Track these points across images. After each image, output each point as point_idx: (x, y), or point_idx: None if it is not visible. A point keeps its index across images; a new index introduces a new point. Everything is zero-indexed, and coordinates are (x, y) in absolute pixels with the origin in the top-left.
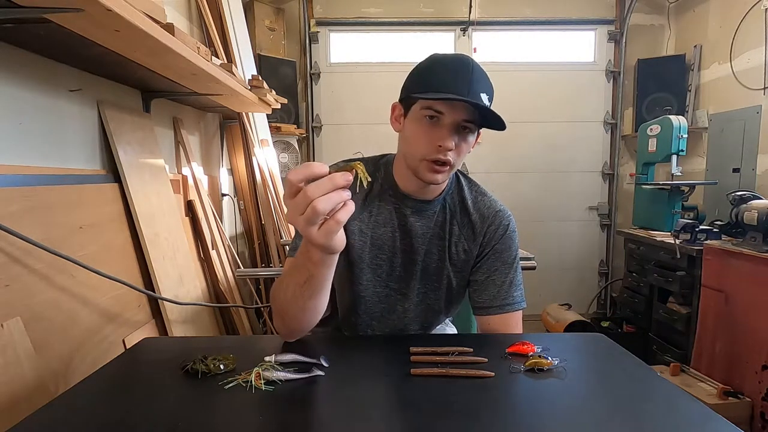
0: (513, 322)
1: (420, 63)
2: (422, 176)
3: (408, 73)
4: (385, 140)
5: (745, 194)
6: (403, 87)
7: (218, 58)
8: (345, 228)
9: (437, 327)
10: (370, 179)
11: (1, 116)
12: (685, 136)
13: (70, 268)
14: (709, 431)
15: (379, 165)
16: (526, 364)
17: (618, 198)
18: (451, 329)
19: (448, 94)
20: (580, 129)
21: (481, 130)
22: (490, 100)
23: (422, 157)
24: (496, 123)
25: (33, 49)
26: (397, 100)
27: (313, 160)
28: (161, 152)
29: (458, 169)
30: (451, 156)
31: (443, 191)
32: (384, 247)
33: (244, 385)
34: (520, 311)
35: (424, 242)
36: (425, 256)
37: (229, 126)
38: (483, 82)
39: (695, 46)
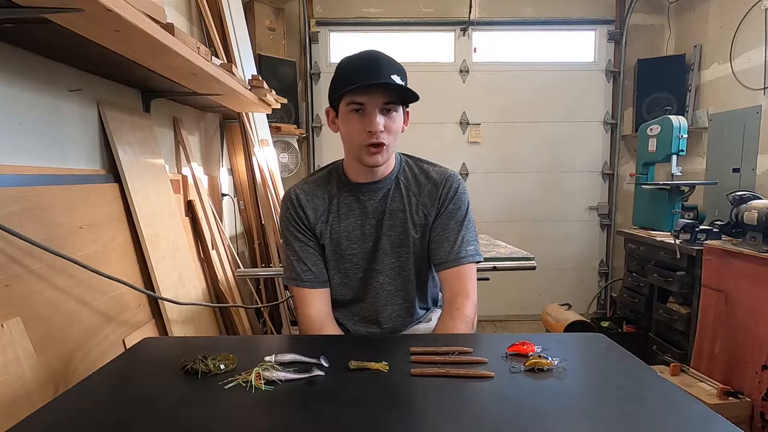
0: (467, 275)
1: (335, 69)
2: (365, 161)
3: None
4: None
5: (745, 194)
6: (328, 94)
7: (218, 58)
8: (318, 229)
9: (429, 313)
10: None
11: (1, 116)
12: (685, 136)
13: (70, 268)
14: (709, 431)
15: (331, 171)
16: (526, 364)
17: (618, 198)
18: None
19: (360, 82)
20: (580, 129)
21: (409, 110)
22: (404, 78)
23: (359, 144)
24: (412, 96)
25: (33, 49)
26: (328, 106)
27: (313, 160)
28: (161, 152)
29: (404, 153)
30: (383, 138)
31: (393, 171)
32: (352, 235)
33: (244, 385)
34: (474, 264)
35: (384, 218)
36: (389, 230)
37: (229, 126)
38: (391, 66)
39: (695, 46)
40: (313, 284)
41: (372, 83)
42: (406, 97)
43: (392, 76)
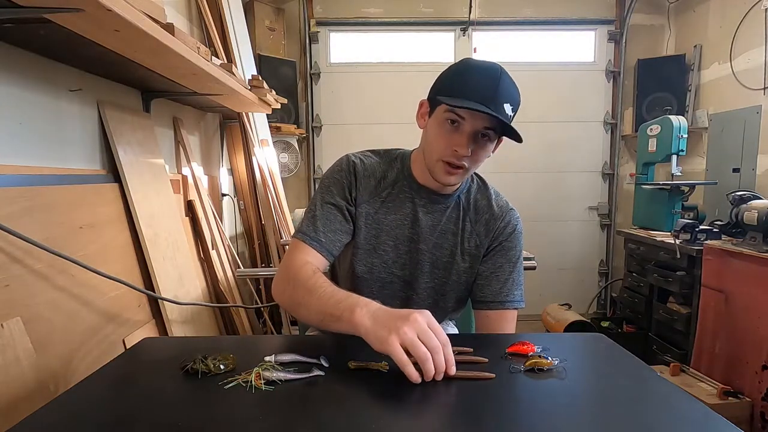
0: (510, 319)
1: (452, 66)
2: (437, 176)
3: (434, 76)
4: (384, 140)
5: (745, 194)
6: (432, 87)
7: (218, 58)
8: (352, 211)
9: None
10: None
11: (1, 116)
12: (685, 136)
13: (70, 268)
14: (709, 431)
15: (395, 156)
16: (526, 364)
17: (618, 198)
18: (452, 329)
19: (471, 102)
20: (580, 129)
21: (502, 138)
22: (515, 110)
23: (439, 157)
24: (514, 135)
25: (33, 49)
26: (426, 98)
27: (313, 160)
28: (161, 152)
29: (478, 174)
30: (466, 161)
31: (458, 189)
32: (391, 233)
33: (244, 385)
34: (516, 311)
35: (433, 235)
36: (434, 248)
37: (229, 126)
38: (510, 92)
39: (695, 46)
40: (319, 247)
41: (479, 110)
42: (507, 130)
43: (505, 105)
